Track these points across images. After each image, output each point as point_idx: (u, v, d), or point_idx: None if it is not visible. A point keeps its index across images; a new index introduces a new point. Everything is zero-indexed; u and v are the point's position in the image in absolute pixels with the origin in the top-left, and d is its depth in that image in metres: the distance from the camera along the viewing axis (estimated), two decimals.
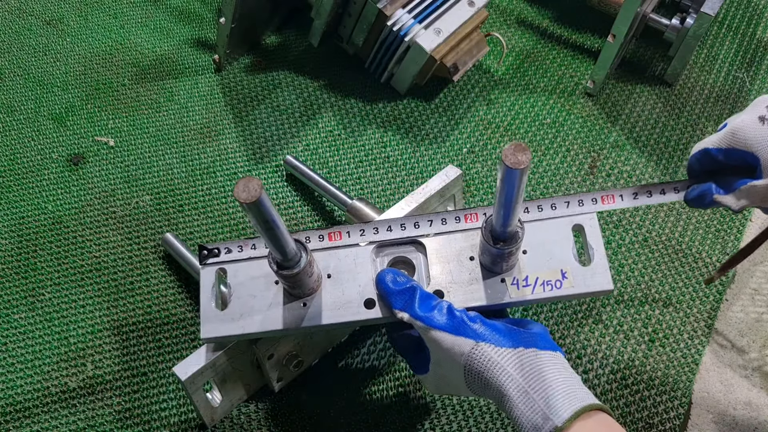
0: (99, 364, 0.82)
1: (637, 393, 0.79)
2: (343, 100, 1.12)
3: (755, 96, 1.12)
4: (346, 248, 0.71)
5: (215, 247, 0.71)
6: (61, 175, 1.02)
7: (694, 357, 0.82)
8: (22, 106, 1.11)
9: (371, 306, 0.68)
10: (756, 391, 0.81)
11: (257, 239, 0.71)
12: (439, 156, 1.04)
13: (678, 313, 0.86)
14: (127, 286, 0.89)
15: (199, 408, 0.74)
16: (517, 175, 0.55)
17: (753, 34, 1.23)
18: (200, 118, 1.10)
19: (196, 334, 0.85)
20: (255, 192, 0.53)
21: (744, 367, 0.83)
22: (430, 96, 1.12)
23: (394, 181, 1.01)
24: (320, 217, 0.97)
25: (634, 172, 1.01)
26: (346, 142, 1.06)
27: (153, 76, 1.16)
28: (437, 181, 0.86)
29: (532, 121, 1.09)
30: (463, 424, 0.77)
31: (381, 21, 1.05)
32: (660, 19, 1.14)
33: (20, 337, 0.85)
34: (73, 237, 0.95)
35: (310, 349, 0.78)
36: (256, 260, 0.70)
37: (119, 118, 1.09)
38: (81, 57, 1.19)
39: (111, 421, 0.78)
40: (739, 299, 0.89)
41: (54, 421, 0.78)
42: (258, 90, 1.13)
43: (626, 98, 1.12)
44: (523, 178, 0.55)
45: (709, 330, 0.85)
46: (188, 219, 0.96)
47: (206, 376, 0.71)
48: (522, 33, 1.23)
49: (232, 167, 1.03)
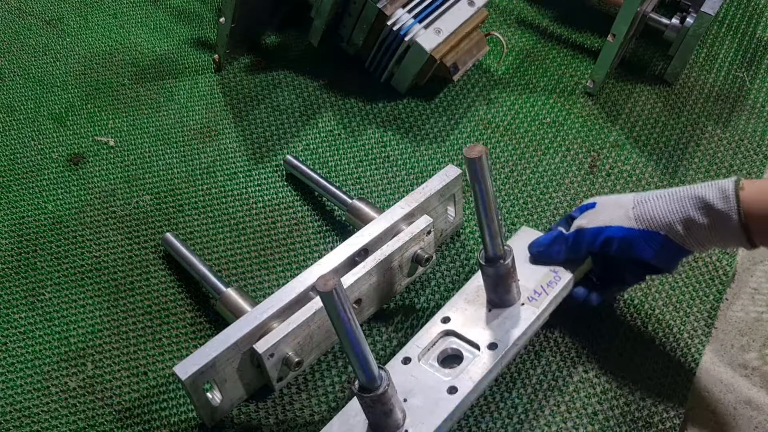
0: (99, 364, 0.82)
1: (637, 392, 0.79)
2: (343, 100, 1.12)
3: (755, 95, 1.12)
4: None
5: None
6: (61, 175, 1.02)
7: (694, 356, 0.82)
8: (22, 106, 1.12)
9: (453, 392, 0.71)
10: (756, 391, 0.81)
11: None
12: (439, 155, 1.04)
13: (678, 312, 0.86)
14: (127, 286, 0.89)
15: (199, 408, 0.74)
16: (477, 164, 0.65)
17: (753, 34, 1.23)
18: (200, 118, 1.10)
19: (196, 333, 0.85)
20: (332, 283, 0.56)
21: (744, 366, 0.83)
22: (430, 96, 1.12)
23: (394, 180, 1.01)
24: (320, 216, 0.97)
25: (634, 172, 1.01)
26: (346, 141, 1.06)
27: (153, 75, 1.16)
28: (437, 180, 0.86)
29: (532, 121, 1.09)
30: (463, 424, 0.77)
31: (381, 21, 1.05)
32: (660, 19, 1.14)
33: (20, 337, 0.85)
34: (73, 237, 0.95)
35: (310, 349, 0.78)
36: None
37: (119, 118, 1.09)
38: (81, 57, 1.19)
39: (111, 421, 0.78)
40: (739, 299, 0.89)
41: (54, 421, 0.78)
42: (258, 90, 1.13)
43: (626, 98, 1.12)
44: (485, 165, 0.66)
45: (709, 329, 0.85)
46: (188, 219, 0.96)
47: (206, 376, 0.71)
48: (522, 33, 1.23)
49: (232, 167, 1.03)
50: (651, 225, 0.72)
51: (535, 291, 0.78)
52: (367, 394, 0.64)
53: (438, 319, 0.78)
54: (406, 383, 0.72)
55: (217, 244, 0.93)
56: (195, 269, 0.86)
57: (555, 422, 0.77)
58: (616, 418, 0.77)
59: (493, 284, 0.76)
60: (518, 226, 0.95)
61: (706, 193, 0.70)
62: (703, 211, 0.70)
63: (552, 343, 0.83)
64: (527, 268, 0.80)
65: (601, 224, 0.75)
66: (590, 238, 0.76)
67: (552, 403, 0.78)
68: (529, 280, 0.79)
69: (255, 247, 0.93)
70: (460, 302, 0.79)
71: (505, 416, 0.77)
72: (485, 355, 0.73)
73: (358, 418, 0.69)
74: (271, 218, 0.96)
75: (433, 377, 0.72)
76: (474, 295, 0.79)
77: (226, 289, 0.81)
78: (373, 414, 0.66)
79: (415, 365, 0.74)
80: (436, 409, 0.69)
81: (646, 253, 0.73)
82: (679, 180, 1.00)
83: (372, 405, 0.65)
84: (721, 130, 1.07)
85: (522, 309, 0.77)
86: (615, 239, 0.74)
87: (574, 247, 0.78)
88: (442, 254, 0.92)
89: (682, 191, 0.72)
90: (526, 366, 0.81)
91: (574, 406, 0.78)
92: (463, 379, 0.71)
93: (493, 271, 0.74)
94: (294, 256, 0.92)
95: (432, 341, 0.76)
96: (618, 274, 0.79)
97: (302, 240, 0.94)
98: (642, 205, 0.74)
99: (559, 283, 0.79)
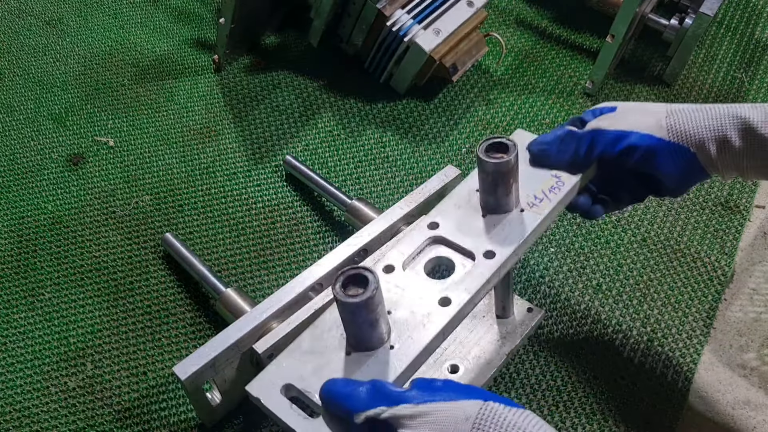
0: (98, 364, 0.83)
1: (636, 392, 0.79)
2: (343, 100, 1.12)
3: (753, 95, 1.12)
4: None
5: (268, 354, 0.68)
6: (61, 175, 1.02)
7: (693, 356, 0.83)
8: (22, 106, 1.12)
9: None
10: (754, 391, 0.81)
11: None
12: (438, 156, 1.04)
13: (677, 312, 0.86)
14: (127, 286, 0.90)
15: (198, 408, 0.74)
16: None
17: (752, 34, 1.23)
18: (200, 118, 1.10)
19: (195, 333, 0.85)
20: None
21: (742, 366, 0.83)
22: (429, 96, 1.12)
23: (393, 181, 1.01)
24: (320, 217, 0.97)
25: None
26: (346, 142, 1.06)
27: (153, 76, 1.16)
28: (436, 181, 0.86)
29: (531, 121, 1.09)
30: None
31: (380, 21, 1.06)
32: (659, 20, 1.14)
33: (20, 337, 0.85)
34: (73, 237, 0.95)
35: None
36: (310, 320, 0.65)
37: (119, 118, 1.10)
38: (81, 57, 1.19)
39: (111, 420, 0.78)
40: (737, 299, 0.89)
41: (54, 421, 0.78)
42: (257, 90, 1.13)
43: (625, 98, 1.12)
44: None
45: (707, 329, 0.85)
46: (188, 219, 0.97)
47: (206, 376, 0.71)
48: (521, 33, 1.24)
49: (232, 167, 1.03)
50: (682, 139, 0.65)
51: (535, 196, 0.68)
52: (352, 298, 0.55)
53: (424, 224, 0.69)
54: (390, 294, 0.63)
55: (217, 245, 0.94)
56: (195, 269, 0.86)
57: (553, 422, 0.77)
58: (615, 417, 0.77)
59: (492, 184, 0.66)
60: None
61: (749, 113, 0.63)
62: (743, 133, 0.63)
63: (551, 343, 0.83)
64: (526, 172, 0.70)
65: (626, 129, 0.67)
66: (610, 141, 0.67)
67: (551, 402, 0.78)
68: (528, 185, 0.69)
69: (255, 247, 0.93)
70: (450, 207, 0.70)
71: None
72: (482, 265, 0.64)
73: (333, 333, 0.61)
74: (271, 218, 0.96)
75: (423, 288, 0.63)
76: (466, 200, 0.70)
77: (226, 290, 0.81)
78: (354, 325, 0.57)
79: (400, 274, 0.65)
80: (426, 322, 0.60)
81: (668, 168, 0.66)
82: None
83: (355, 312, 0.56)
84: None
85: (523, 215, 0.67)
86: (639, 147, 0.65)
87: (587, 149, 0.68)
88: None
89: (721, 108, 0.64)
90: (525, 365, 0.81)
91: (573, 405, 0.78)
92: (457, 290, 0.62)
93: (493, 166, 0.64)
94: (293, 256, 0.92)
95: (418, 248, 0.67)
96: (619, 186, 0.72)
97: (302, 240, 0.94)
98: (676, 115, 0.66)
99: (562, 189, 0.69)
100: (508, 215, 0.67)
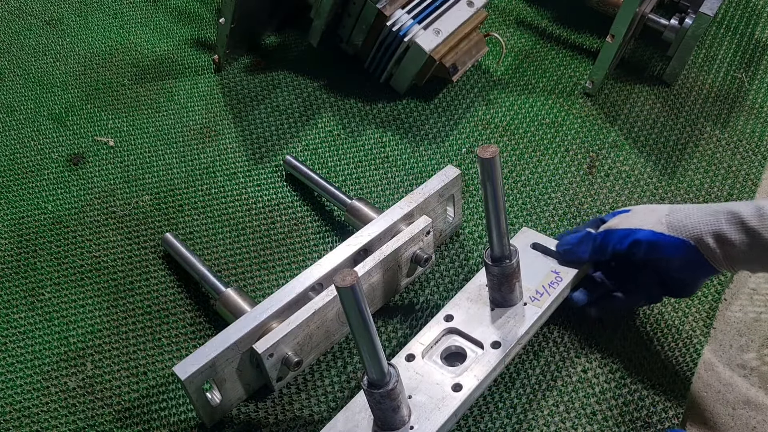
0: (98, 364, 0.83)
1: (636, 392, 0.79)
2: (343, 101, 1.12)
3: (753, 96, 1.12)
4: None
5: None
6: (61, 175, 1.02)
7: (693, 356, 0.83)
8: (22, 106, 1.12)
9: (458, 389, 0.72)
10: (754, 391, 0.81)
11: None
12: (438, 156, 1.04)
13: (677, 312, 0.86)
14: (127, 286, 0.90)
15: (198, 408, 0.74)
16: (490, 163, 0.66)
17: (751, 34, 1.23)
18: (200, 118, 1.10)
19: (195, 333, 0.85)
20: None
21: (742, 366, 0.83)
22: (429, 96, 1.12)
23: (393, 181, 1.01)
24: (320, 217, 0.97)
25: (633, 172, 1.01)
26: (346, 142, 1.06)
27: (153, 76, 1.16)
28: (436, 181, 0.86)
29: (531, 121, 1.09)
30: (462, 423, 0.77)
31: (380, 21, 1.06)
32: (659, 20, 1.14)
33: (20, 337, 0.85)
34: (72, 237, 0.95)
35: (309, 349, 0.78)
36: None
37: (119, 118, 1.10)
38: (81, 57, 1.19)
39: (111, 420, 0.78)
40: (737, 299, 0.89)
41: (54, 421, 0.78)
42: (257, 90, 1.13)
43: (625, 98, 1.12)
44: (497, 166, 0.67)
45: (707, 329, 0.85)
46: (188, 219, 0.97)
47: (206, 376, 0.71)
48: (521, 33, 1.24)
49: (232, 167, 1.03)
50: (682, 233, 0.72)
51: (537, 291, 0.79)
52: (377, 390, 0.64)
53: (441, 317, 0.79)
54: (410, 380, 0.72)
55: (217, 244, 0.94)
56: (194, 269, 0.86)
57: (554, 422, 0.77)
58: (615, 418, 0.77)
59: (498, 283, 0.77)
60: (517, 225, 0.95)
61: (740, 208, 0.69)
62: (736, 227, 0.69)
63: (551, 343, 0.83)
64: (529, 268, 0.81)
65: (632, 227, 0.75)
66: (619, 238, 0.76)
67: (551, 402, 0.78)
68: (531, 279, 0.80)
69: (255, 247, 0.93)
70: (463, 300, 0.80)
71: (504, 416, 0.78)
72: (489, 354, 0.74)
73: (362, 414, 0.70)
74: (271, 218, 0.97)
75: (438, 374, 0.73)
76: (476, 294, 0.80)
77: (226, 289, 0.81)
78: (380, 410, 0.67)
79: (419, 362, 0.74)
80: (441, 405, 0.70)
81: (672, 262, 0.73)
82: (677, 180, 1.00)
83: (381, 401, 0.65)
84: (719, 131, 1.07)
85: (525, 308, 0.78)
86: (643, 242, 0.74)
87: (600, 247, 0.78)
88: (441, 254, 0.92)
89: (718, 205, 0.72)
90: (525, 366, 0.81)
91: (573, 406, 0.78)
92: (468, 377, 0.72)
93: (498, 270, 0.75)
94: (293, 256, 0.92)
95: (435, 339, 0.77)
96: (636, 284, 0.79)
97: (302, 240, 0.94)
98: (676, 213, 0.74)
99: (560, 284, 0.80)
100: (513, 308, 0.78)
